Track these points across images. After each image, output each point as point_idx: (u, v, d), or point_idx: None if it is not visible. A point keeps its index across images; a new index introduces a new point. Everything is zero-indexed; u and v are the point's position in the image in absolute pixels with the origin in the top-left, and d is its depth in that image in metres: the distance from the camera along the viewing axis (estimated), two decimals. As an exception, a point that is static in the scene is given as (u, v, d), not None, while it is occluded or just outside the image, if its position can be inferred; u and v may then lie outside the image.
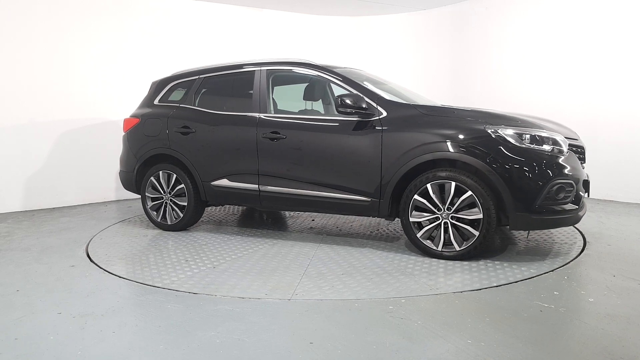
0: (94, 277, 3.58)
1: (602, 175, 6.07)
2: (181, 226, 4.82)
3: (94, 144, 6.58)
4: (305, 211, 4.45)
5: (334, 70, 4.30)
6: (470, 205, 3.57)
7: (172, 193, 4.77)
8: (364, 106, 3.84)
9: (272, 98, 4.49)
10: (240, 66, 4.72)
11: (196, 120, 4.65)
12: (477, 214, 3.54)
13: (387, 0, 7.52)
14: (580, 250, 3.96)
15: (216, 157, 4.54)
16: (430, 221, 3.72)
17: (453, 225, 3.64)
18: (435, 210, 3.68)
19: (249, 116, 4.41)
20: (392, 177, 3.78)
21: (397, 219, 3.99)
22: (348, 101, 3.82)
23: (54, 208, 6.34)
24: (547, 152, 3.53)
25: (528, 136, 3.54)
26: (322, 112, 4.80)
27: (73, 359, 2.35)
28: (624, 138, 5.93)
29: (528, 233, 4.02)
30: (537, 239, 4.28)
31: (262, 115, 4.35)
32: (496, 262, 3.65)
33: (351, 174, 3.96)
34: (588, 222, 4.90)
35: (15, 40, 5.98)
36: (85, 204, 6.57)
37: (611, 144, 6.03)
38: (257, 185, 4.37)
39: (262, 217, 5.57)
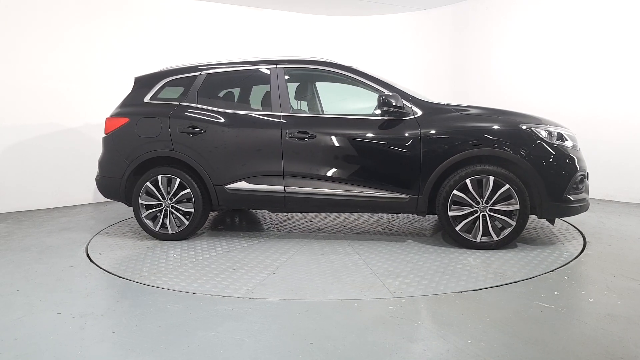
0: (94, 277, 3.58)
1: (602, 175, 6.07)
2: (185, 234, 4.47)
3: (94, 143, 6.56)
4: (335, 212, 4.45)
5: (360, 70, 4.31)
6: (506, 197, 3.84)
7: (175, 199, 4.40)
8: (401, 105, 3.97)
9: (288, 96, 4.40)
10: (253, 63, 4.54)
11: (206, 120, 4.35)
12: (514, 205, 3.82)
13: (387, 0, 7.52)
14: (580, 250, 3.96)
15: (232, 159, 4.29)
16: (468, 215, 3.91)
17: (490, 216, 3.89)
18: (474, 204, 3.88)
19: (270, 115, 4.27)
20: (431, 174, 3.93)
21: (428, 214, 4.18)
22: (391, 100, 3.92)
23: (54, 208, 6.34)
24: (570, 147, 3.94)
25: (555, 133, 3.93)
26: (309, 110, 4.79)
27: (73, 359, 2.35)
28: (624, 138, 5.93)
29: (553, 221, 4.21)
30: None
31: (285, 115, 4.23)
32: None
33: (390, 171, 4.04)
34: (588, 222, 4.90)
35: (16, 41, 5.98)
36: (85, 204, 6.57)
37: (611, 144, 6.03)
38: (282, 187, 4.20)
39: (235, 220, 5.39)
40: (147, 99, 4.60)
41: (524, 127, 3.88)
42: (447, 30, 7.99)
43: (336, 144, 4.11)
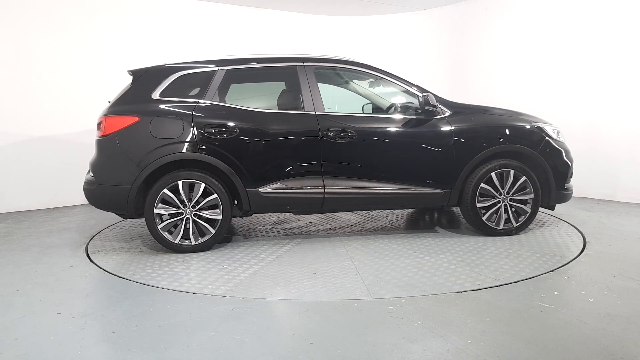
0: (94, 277, 3.58)
1: (602, 175, 6.07)
2: (211, 245, 4.08)
3: (94, 143, 6.56)
4: (372, 209, 4.83)
5: (390, 72, 4.42)
6: (522, 188, 4.28)
7: (199, 206, 3.98)
8: (436, 105, 4.23)
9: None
10: (278, 60, 4.37)
11: (236, 119, 4.04)
12: (529, 195, 4.29)
13: (387, 0, 7.52)
14: (580, 250, 3.96)
15: (266, 161, 4.09)
16: (491, 205, 4.29)
17: (510, 206, 4.32)
18: (497, 195, 4.27)
19: (305, 114, 4.14)
20: (463, 169, 4.23)
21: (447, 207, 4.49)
22: (430, 101, 4.18)
23: (53, 208, 6.33)
24: (562, 141, 4.47)
25: (556, 130, 4.47)
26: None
27: (73, 359, 2.35)
28: (623, 138, 5.93)
29: (554, 207, 4.53)
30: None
31: (320, 114, 4.13)
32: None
33: (428, 168, 4.27)
34: (588, 222, 4.90)
35: (17, 42, 5.98)
36: (85, 204, 6.55)
37: (611, 144, 6.03)
38: (321, 187, 4.10)
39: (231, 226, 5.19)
40: (155, 95, 4.09)
41: (534, 124, 4.38)
42: (447, 30, 7.99)
43: (376, 142, 4.20)
